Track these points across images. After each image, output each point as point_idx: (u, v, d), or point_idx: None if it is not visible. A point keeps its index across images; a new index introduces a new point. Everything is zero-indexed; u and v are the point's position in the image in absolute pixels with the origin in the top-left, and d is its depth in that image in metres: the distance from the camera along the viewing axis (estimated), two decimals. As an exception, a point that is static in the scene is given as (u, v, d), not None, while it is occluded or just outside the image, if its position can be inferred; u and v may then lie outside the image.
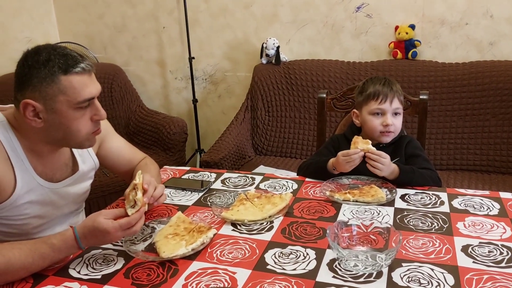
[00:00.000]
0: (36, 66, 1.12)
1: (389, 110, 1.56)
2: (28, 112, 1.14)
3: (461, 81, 2.56)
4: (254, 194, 1.43)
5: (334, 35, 2.92)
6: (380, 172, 1.47)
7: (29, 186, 1.23)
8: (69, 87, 1.13)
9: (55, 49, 1.15)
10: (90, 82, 1.17)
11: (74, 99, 1.14)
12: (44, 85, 1.12)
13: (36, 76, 1.12)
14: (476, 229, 1.22)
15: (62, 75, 1.12)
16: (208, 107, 3.37)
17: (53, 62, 1.12)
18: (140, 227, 1.15)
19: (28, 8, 3.21)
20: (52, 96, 1.13)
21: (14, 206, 1.21)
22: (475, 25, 2.65)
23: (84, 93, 1.15)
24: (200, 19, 3.16)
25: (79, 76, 1.14)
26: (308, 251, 1.15)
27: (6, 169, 1.18)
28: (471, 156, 2.52)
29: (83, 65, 1.15)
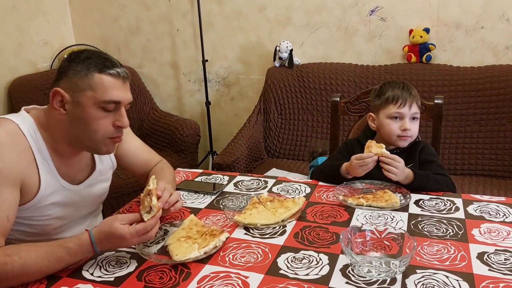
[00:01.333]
0: (76, 60, 1.18)
1: (407, 115, 1.55)
2: (56, 100, 1.18)
3: (476, 85, 2.53)
4: (267, 198, 1.43)
5: (347, 38, 2.91)
6: (394, 177, 1.46)
7: (53, 188, 1.24)
8: (99, 84, 1.16)
9: (99, 53, 1.22)
10: (121, 87, 1.20)
11: (100, 97, 1.16)
12: (77, 77, 1.16)
13: (73, 69, 1.17)
14: (492, 236, 1.21)
15: (96, 72, 1.16)
16: (221, 109, 3.38)
17: (92, 60, 1.18)
18: (155, 233, 1.16)
19: (44, 11, 3.25)
20: (81, 89, 1.16)
21: (38, 207, 1.22)
22: (491, 28, 2.62)
23: (112, 94, 1.17)
24: (213, 22, 3.17)
25: (111, 78, 1.18)
26: (321, 256, 1.14)
27: (32, 170, 1.20)
28: (486, 161, 2.49)
29: (119, 70, 1.19)
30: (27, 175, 1.18)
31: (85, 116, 1.18)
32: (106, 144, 1.24)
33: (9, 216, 1.13)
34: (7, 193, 1.12)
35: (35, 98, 2.92)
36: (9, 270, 1.04)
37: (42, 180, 1.21)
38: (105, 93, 1.17)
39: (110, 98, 1.18)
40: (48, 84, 2.99)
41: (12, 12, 3.02)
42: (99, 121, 1.19)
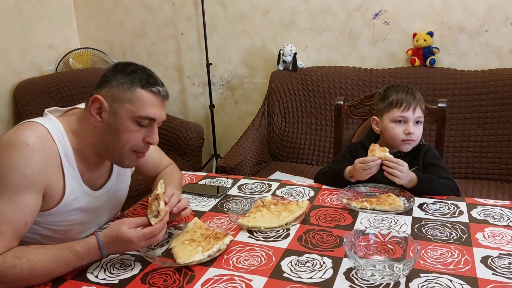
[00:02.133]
0: (122, 72, 1.20)
1: (411, 118, 1.56)
2: (94, 107, 1.19)
3: (480, 89, 2.53)
4: (271, 201, 1.44)
5: (351, 42, 2.92)
6: (398, 180, 1.46)
7: (76, 194, 1.24)
8: (139, 99, 1.18)
9: (144, 68, 1.23)
10: (159, 105, 1.21)
11: (137, 111, 1.18)
12: (120, 89, 1.18)
13: (117, 80, 1.19)
14: (496, 240, 1.20)
15: (139, 87, 1.18)
16: (225, 112, 3.39)
17: (137, 75, 1.19)
18: (162, 236, 1.17)
19: (49, 14, 3.27)
20: (121, 101, 1.18)
21: (62, 212, 1.23)
22: (495, 32, 2.62)
23: (149, 110, 1.19)
24: (218, 25, 3.18)
25: (152, 95, 1.19)
26: (324, 259, 1.14)
27: (58, 176, 1.20)
28: (490, 165, 2.48)
29: (161, 89, 1.21)
30: (52, 181, 1.18)
31: (119, 127, 1.19)
32: (131, 158, 1.25)
33: (27, 221, 1.13)
34: (30, 199, 1.12)
35: (40, 101, 2.94)
36: (18, 273, 1.05)
37: (67, 186, 1.21)
38: (143, 108, 1.18)
39: (147, 114, 1.19)
40: (53, 87, 3.01)
41: (17, 15, 3.04)
42: (131, 134, 1.20)
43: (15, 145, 1.12)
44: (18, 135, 1.14)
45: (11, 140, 1.13)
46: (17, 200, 1.10)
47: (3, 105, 3.00)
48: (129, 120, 1.18)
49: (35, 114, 2.89)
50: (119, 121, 1.18)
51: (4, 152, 1.12)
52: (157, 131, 1.24)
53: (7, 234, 1.09)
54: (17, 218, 1.10)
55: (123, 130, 1.19)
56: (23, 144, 1.12)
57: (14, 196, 1.10)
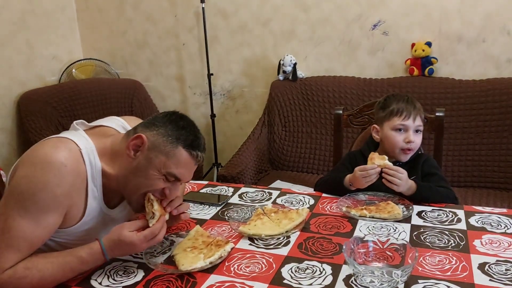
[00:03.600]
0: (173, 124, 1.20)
1: (412, 127, 1.58)
2: (134, 143, 1.19)
3: (478, 98, 2.56)
4: (271, 209, 1.46)
5: (350, 52, 2.95)
6: (397, 188, 1.48)
7: (94, 213, 1.24)
8: (176, 157, 1.18)
9: (194, 126, 1.24)
10: (191, 168, 1.22)
11: (168, 167, 1.18)
12: (164, 139, 1.18)
13: (166, 129, 1.19)
14: (493, 247, 1.22)
15: (182, 146, 1.18)
16: (226, 122, 3.42)
17: (186, 132, 1.20)
18: (163, 235, 1.19)
19: (53, 26, 3.32)
20: (159, 151, 1.18)
21: (77, 231, 1.23)
22: (492, 42, 2.66)
23: (179, 171, 1.19)
24: (219, 36, 3.22)
25: (189, 158, 1.20)
26: (324, 266, 1.16)
27: (81, 198, 1.19)
28: (488, 173, 2.50)
29: (200, 154, 1.22)
30: (75, 202, 1.18)
31: (147, 172, 1.18)
32: (139, 202, 1.24)
33: (45, 239, 1.15)
34: (52, 219, 1.13)
35: (43, 112, 2.97)
36: (28, 283, 1.08)
37: (88, 207, 1.21)
38: (176, 167, 1.18)
39: (176, 174, 1.19)
40: (56, 97, 3.04)
41: (22, 27, 3.08)
42: (155, 181, 1.20)
43: (53, 165, 1.10)
44: (57, 155, 1.12)
45: (50, 158, 1.11)
46: (42, 220, 1.10)
47: (7, 115, 3.03)
48: (158, 170, 1.18)
49: (39, 124, 2.92)
50: (149, 167, 1.18)
51: (41, 170, 1.10)
52: (178, 188, 1.26)
53: (23, 251, 1.10)
54: (37, 236, 1.11)
55: (149, 175, 1.19)
56: (61, 165, 1.11)
57: (39, 215, 1.10)
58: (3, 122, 3.02)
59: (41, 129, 2.91)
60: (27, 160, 1.13)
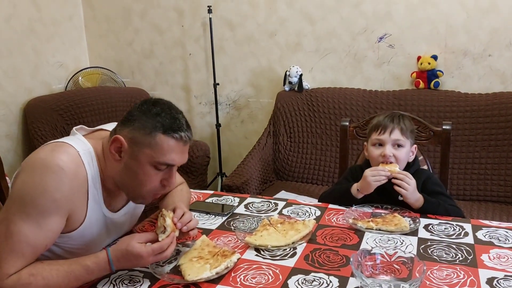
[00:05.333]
0: (147, 114, 1.17)
1: (388, 141, 1.57)
2: (114, 146, 1.18)
3: (484, 112, 2.56)
4: (278, 220, 1.45)
5: (356, 64, 2.96)
6: (406, 193, 1.48)
7: (96, 217, 1.25)
8: (159, 146, 1.16)
9: (170, 108, 1.20)
10: (179, 151, 1.19)
11: (156, 157, 1.16)
12: (141, 133, 1.16)
13: (140, 122, 1.17)
14: (501, 262, 1.21)
15: (160, 133, 1.15)
16: (231, 131, 3.42)
17: (160, 118, 1.16)
18: (171, 252, 1.18)
19: (60, 34, 3.35)
20: (141, 145, 1.16)
21: (80, 235, 1.23)
22: (498, 56, 2.66)
23: (168, 157, 1.17)
24: (225, 46, 3.24)
25: (173, 141, 1.17)
26: (331, 278, 1.15)
27: (82, 201, 1.20)
28: (495, 187, 2.49)
29: (183, 134, 1.18)
30: (77, 205, 1.18)
31: (137, 169, 1.18)
32: (145, 197, 1.25)
33: (48, 244, 1.14)
34: (55, 223, 1.13)
35: (49, 119, 2.98)
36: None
37: (89, 210, 1.22)
38: (163, 155, 1.16)
39: (165, 160, 1.17)
40: (62, 105, 3.05)
41: (29, 34, 3.11)
42: (149, 177, 1.19)
43: (51, 169, 1.11)
44: (54, 159, 1.12)
45: (48, 163, 1.11)
46: (43, 224, 1.10)
47: (13, 122, 3.04)
48: (148, 164, 1.17)
49: (44, 131, 2.93)
50: (137, 164, 1.17)
51: (40, 174, 1.11)
52: (175, 175, 1.23)
53: (27, 256, 1.10)
54: (40, 241, 1.11)
55: (141, 173, 1.18)
56: (58, 169, 1.11)
57: (41, 219, 1.10)
58: (9, 129, 3.03)
59: (46, 136, 2.92)
60: (26, 166, 1.14)
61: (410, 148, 1.61)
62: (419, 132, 1.88)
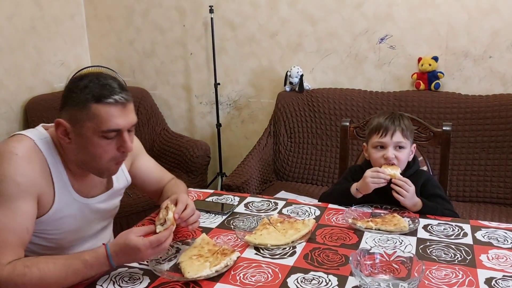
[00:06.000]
0: (75, 90, 1.18)
1: (390, 144, 1.57)
2: (60, 130, 1.21)
3: (484, 114, 2.56)
4: (277, 219, 1.46)
5: (357, 65, 2.97)
6: (403, 200, 1.49)
7: (66, 201, 1.27)
8: (97, 115, 1.16)
9: (98, 78, 1.20)
10: (120, 114, 1.18)
11: (99, 128, 1.17)
12: (76, 109, 1.17)
13: (72, 100, 1.18)
14: (500, 262, 1.22)
15: (93, 103, 1.16)
16: (231, 131, 3.43)
17: (89, 89, 1.16)
18: (169, 244, 1.19)
19: (62, 33, 3.36)
20: (80, 121, 1.17)
21: (52, 220, 1.26)
22: (499, 58, 2.67)
23: (110, 123, 1.17)
24: (226, 46, 3.25)
25: (109, 107, 1.16)
26: (330, 277, 1.16)
27: (48, 185, 1.23)
28: (494, 189, 2.50)
29: (117, 97, 1.17)
30: (43, 188, 1.21)
31: (88, 145, 1.20)
32: (110, 168, 1.27)
33: (28, 227, 1.17)
34: (26, 206, 1.16)
35: (50, 117, 2.98)
36: (28, 281, 1.08)
37: (57, 194, 1.25)
38: (104, 123, 1.16)
39: (109, 127, 1.17)
40: (63, 103, 3.06)
41: (31, 33, 3.12)
42: (103, 148, 1.20)
43: (4, 156, 1.16)
44: (6, 147, 1.18)
45: (1, 152, 1.17)
46: (14, 208, 1.14)
47: (14, 120, 3.05)
48: (95, 137, 1.18)
49: (45, 129, 2.94)
50: (86, 140, 1.19)
51: None
52: (128, 138, 1.22)
53: (12, 242, 1.12)
54: (18, 224, 1.14)
55: (93, 147, 1.19)
56: (11, 155, 1.16)
57: (10, 204, 1.13)
58: (11, 127, 3.03)
59: (47, 134, 2.92)
60: None
61: (411, 148, 1.62)
62: (419, 133, 1.88)
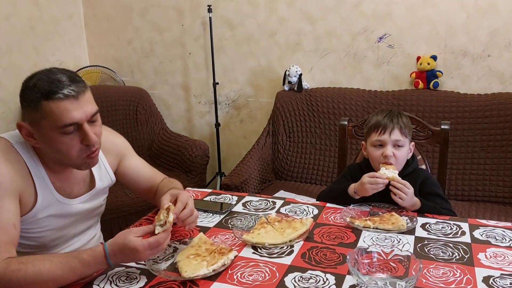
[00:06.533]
0: (26, 91, 1.18)
1: (388, 142, 1.57)
2: (24, 132, 1.21)
3: (483, 112, 2.56)
4: (275, 218, 1.46)
5: (356, 64, 2.96)
6: (402, 202, 1.49)
7: (48, 202, 1.27)
8: (50, 113, 1.14)
9: (47, 74, 1.18)
10: (74, 107, 1.16)
11: (55, 125, 1.15)
12: (30, 109, 1.17)
13: (25, 100, 1.18)
14: (498, 261, 1.22)
15: (43, 100, 1.14)
16: (230, 131, 3.42)
17: (37, 88, 1.15)
18: (166, 245, 1.19)
19: (60, 32, 3.35)
20: (36, 120, 1.17)
21: (34, 219, 1.26)
22: (498, 57, 2.66)
23: (65, 118, 1.15)
24: (225, 46, 3.24)
25: (60, 102, 1.14)
26: (328, 276, 1.16)
27: (28, 185, 1.23)
28: (493, 188, 2.49)
29: (66, 91, 1.14)
30: (24, 188, 1.22)
31: (52, 143, 1.19)
32: (85, 161, 1.25)
33: (15, 224, 1.17)
34: (8, 204, 1.16)
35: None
36: (22, 277, 1.07)
37: (39, 194, 1.25)
38: (58, 119, 1.15)
39: (64, 122, 1.15)
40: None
41: (29, 33, 3.12)
42: (66, 144, 1.19)
43: None
44: None
45: None
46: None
47: (12, 120, 3.05)
48: (55, 134, 1.16)
49: (44, 129, 2.94)
50: (48, 139, 1.18)
51: None
52: (89, 130, 1.19)
53: (1, 239, 1.12)
54: (4, 221, 1.14)
55: (57, 143, 1.19)
56: None
57: None
58: (9, 127, 3.03)
59: (46, 134, 2.92)
60: None
61: (409, 146, 1.62)
62: (418, 132, 1.88)
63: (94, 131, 1.21)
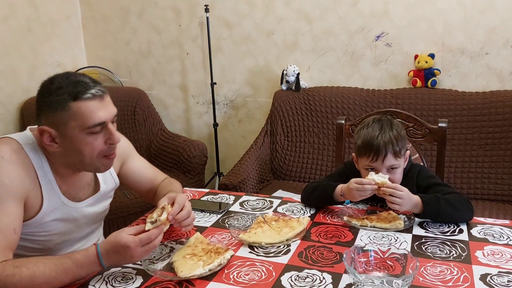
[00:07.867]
0: (49, 94, 1.17)
1: (381, 168, 1.46)
2: (45, 138, 1.19)
3: (481, 110, 2.56)
4: (272, 217, 1.45)
5: (353, 63, 2.96)
6: (399, 207, 1.38)
7: (54, 205, 1.27)
8: (79, 113, 1.16)
9: (68, 77, 1.20)
10: (100, 107, 1.19)
11: (84, 124, 1.17)
12: (55, 112, 1.17)
13: (49, 104, 1.17)
14: (495, 258, 1.21)
15: (71, 101, 1.16)
16: (228, 131, 3.42)
17: (63, 90, 1.16)
18: (159, 242, 1.18)
19: (58, 33, 3.35)
20: (63, 122, 1.17)
21: (40, 223, 1.25)
22: (495, 55, 2.66)
23: (94, 118, 1.18)
24: (223, 46, 3.24)
25: (88, 102, 1.17)
26: (324, 275, 1.15)
27: (35, 188, 1.23)
28: (491, 186, 2.49)
29: (93, 91, 1.18)
30: (31, 191, 1.21)
31: (77, 144, 1.19)
32: (103, 162, 1.27)
33: (16, 228, 1.16)
34: (13, 207, 1.16)
35: (46, 118, 2.98)
36: (17, 281, 1.07)
37: (45, 197, 1.24)
38: (87, 119, 1.17)
39: (93, 122, 1.18)
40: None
41: (27, 34, 3.11)
42: (91, 145, 1.20)
43: None
44: None
45: None
46: (1, 209, 1.13)
47: (10, 122, 3.04)
48: (81, 134, 1.18)
49: (41, 130, 2.93)
50: (73, 140, 1.18)
51: None
52: (114, 129, 1.23)
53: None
54: (4, 224, 1.13)
55: (82, 145, 1.19)
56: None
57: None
58: (7, 129, 3.02)
59: (44, 135, 2.92)
60: None
61: (405, 157, 1.52)
62: (415, 130, 1.88)
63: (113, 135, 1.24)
